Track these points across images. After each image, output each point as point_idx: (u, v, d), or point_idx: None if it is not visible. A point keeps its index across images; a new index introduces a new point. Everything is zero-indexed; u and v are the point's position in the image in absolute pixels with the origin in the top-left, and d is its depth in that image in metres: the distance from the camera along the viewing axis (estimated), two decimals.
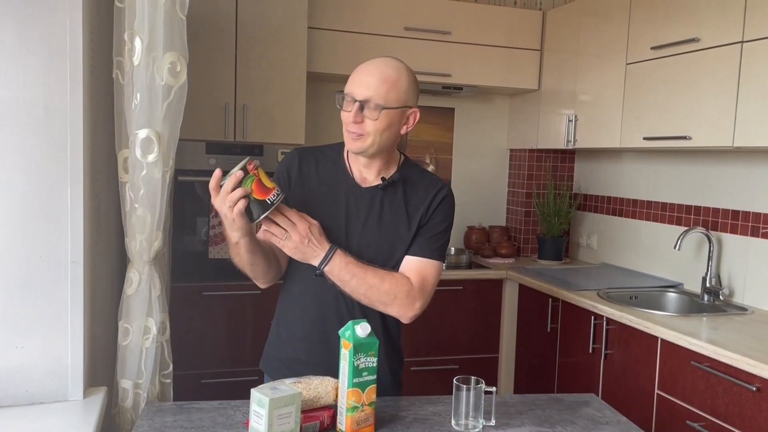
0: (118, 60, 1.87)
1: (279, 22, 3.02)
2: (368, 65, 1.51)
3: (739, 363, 1.99)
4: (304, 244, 1.42)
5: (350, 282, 1.48)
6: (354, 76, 1.51)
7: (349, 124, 1.49)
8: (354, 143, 1.51)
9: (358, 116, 1.47)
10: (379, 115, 1.47)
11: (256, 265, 1.51)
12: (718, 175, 2.85)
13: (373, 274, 1.49)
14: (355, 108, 1.47)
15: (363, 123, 1.48)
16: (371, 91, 1.47)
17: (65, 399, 1.73)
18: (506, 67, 3.54)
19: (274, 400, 1.25)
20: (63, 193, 1.68)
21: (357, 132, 1.49)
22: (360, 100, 1.47)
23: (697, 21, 2.54)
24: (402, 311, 1.53)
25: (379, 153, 1.54)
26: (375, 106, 1.47)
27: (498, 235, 3.83)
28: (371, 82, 1.47)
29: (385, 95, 1.47)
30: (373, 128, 1.48)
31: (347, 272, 1.46)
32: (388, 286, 1.50)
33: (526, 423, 1.48)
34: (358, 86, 1.48)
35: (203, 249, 2.97)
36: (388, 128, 1.50)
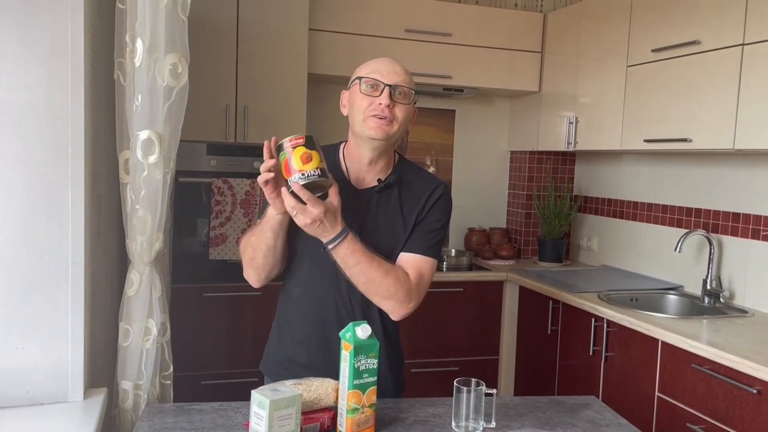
0: (120, 61, 1.87)
1: (280, 24, 3.03)
2: (381, 59, 1.53)
3: (739, 366, 1.99)
4: (315, 224, 1.40)
5: (353, 268, 1.46)
6: (372, 65, 1.52)
7: (379, 108, 1.48)
8: (381, 129, 1.49)
9: (390, 101, 1.48)
10: (411, 100, 1.51)
11: (269, 253, 1.50)
12: (719, 178, 2.85)
13: (377, 267, 1.48)
14: (386, 92, 1.47)
15: (394, 108, 1.49)
16: (400, 77, 1.49)
17: (65, 400, 1.73)
18: (507, 69, 3.55)
19: (275, 402, 1.25)
20: (64, 194, 1.68)
21: (388, 117, 1.48)
22: (391, 85, 1.48)
23: (697, 23, 2.54)
24: (397, 308, 1.52)
25: (392, 145, 1.56)
26: (407, 91, 1.50)
27: (498, 236, 3.83)
28: (398, 69, 1.50)
29: (410, 83, 1.52)
30: (402, 115, 1.50)
31: (352, 258, 1.45)
32: (390, 282, 1.49)
33: (526, 425, 1.48)
34: (388, 72, 1.49)
35: (203, 250, 2.97)
36: (408, 118, 1.53)
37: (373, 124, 1.49)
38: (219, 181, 2.92)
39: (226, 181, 2.93)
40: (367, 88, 1.49)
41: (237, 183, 2.95)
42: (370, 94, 1.49)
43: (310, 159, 1.36)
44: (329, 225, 1.41)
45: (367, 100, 1.49)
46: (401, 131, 1.53)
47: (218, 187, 2.92)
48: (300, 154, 1.35)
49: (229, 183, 2.94)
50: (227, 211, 2.94)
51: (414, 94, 1.52)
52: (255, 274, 1.56)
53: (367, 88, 1.49)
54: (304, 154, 1.35)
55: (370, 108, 1.49)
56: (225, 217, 2.95)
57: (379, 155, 1.55)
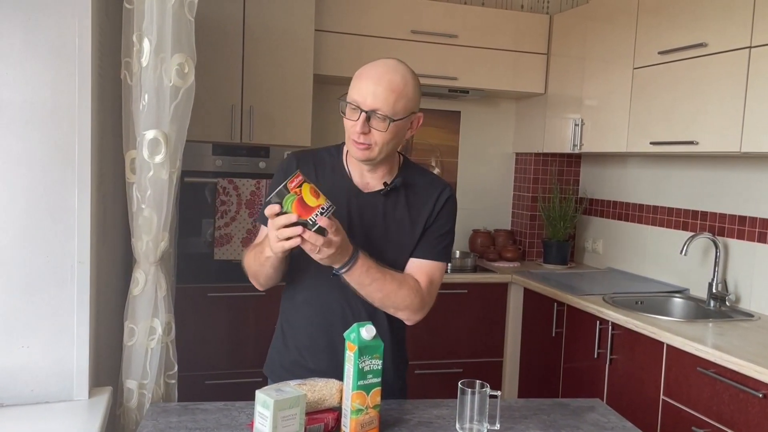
0: (126, 61, 1.87)
1: (286, 25, 3.03)
2: (372, 71, 1.44)
3: (745, 369, 1.98)
4: (335, 255, 1.36)
5: (368, 287, 1.45)
6: (358, 83, 1.44)
7: (355, 134, 1.44)
8: (361, 153, 1.46)
9: (365, 127, 1.42)
10: (387, 127, 1.43)
11: (271, 278, 1.52)
12: (725, 181, 2.84)
13: (391, 280, 1.47)
14: (362, 119, 1.41)
15: (370, 134, 1.43)
16: (379, 102, 1.41)
17: (70, 399, 1.73)
18: (513, 71, 3.54)
19: (279, 402, 1.25)
20: (70, 193, 1.69)
21: (365, 143, 1.44)
22: (367, 111, 1.41)
23: (704, 26, 2.54)
24: (411, 315, 1.54)
25: (385, 159, 1.52)
26: (383, 117, 1.42)
27: (503, 238, 3.82)
28: (378, 92, 1.41)
29: (393, 106, 1.42)
30: (381, 139, 1.44)
31: (368, 277, 1.44)
32: (404, 293, 1.49)
33: (530, 427, 1.48)
34: (365, 95, 1.41)
35: (208, 250, 2.98)
36: (394, 137, 1.47)
37: (353, 147, 1.46)
38: (224, 182, 2.93)
39: (231, 182, 2.94)
40: (349, 111, 1.45)
41: (242, 183, 2.95)
42: (350, 118, 1.45)
43: (318, 192, 1.31)
44: (340, 255, 1.37)
45: (349, 122, 1.46)
46: (388, 150, 1.48)
47: (223, 187, 2.92)
48: (308, 190, 1.30)
49: (234, 183, 2.94)
50: (232, 211, 2.95)
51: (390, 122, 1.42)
52: (260, 287, 1.58)
53: (349, 111, 1.45)
54: (311, 189, 1.30)
55: (350, 131, 1.46)
56: (230, 217, 2.95)
57: (375, 166, 1.53)
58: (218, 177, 2.94)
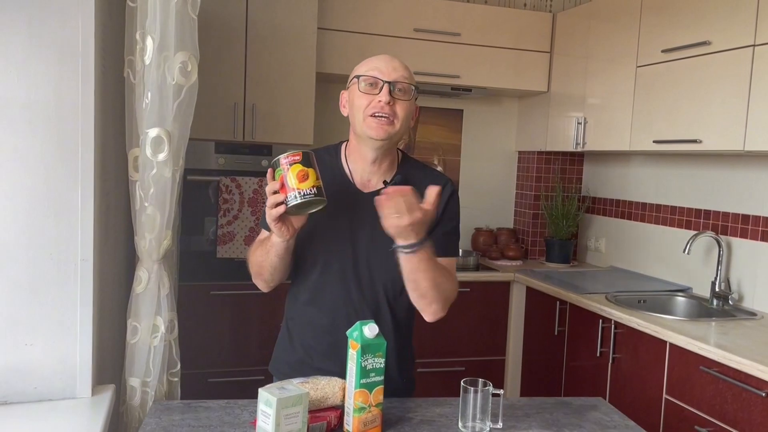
0: (130, 59, 1.88)
1: (289, 23, 3.03)
2: (380, 56, 1.49)
3: (748, 368, 1.98)
4: (409, 228, 1.32)
5: (423, 272, 1.40)
6: (371, 63, 1.47)
7: (378, 106, 1.43)
8: (382, 129, 1.44)
9: (390, 98, 1.43)
10: (411, 96, 1.46)
11: (275, 272, 1.50)
12: (728, 179, 2.83)
13: (441, 272, 1.45)
14: (386, 89, 1.42)
15: (394, 105, 1.44)
16: (399, 72, 1.44)
17: (73, 396, 1.73)
18: (515, 70, 3.54)
19: (282, 400, 1.25)
20: (73, 191, 1.69)
21: (389, 115, 1.43)
22: (390, 82, 1.43)
23: (708, 24, 2.53)
24: (439, 311, 1.50)
25: (393, 147, 1.52)
26: (407, 87, 1.45)
27: (506, 237, 3.82)
28: (397, 66, 1.46)
29: (410, 78, 1.47)
30: (403, 112, 1.45)
31: (426, 264, 1.39)
32: (449, 286, 1.49)
33: (533, 426, 1.48)
34: (386, 68, 1.44)
35: (211, 248, 2.98)
36: (410, 116, 1.49)
37: (373, 123, 1.45)
38: (227, 180, 2.93)
39: (234, 180, 2.94)
40: (366, 87, 1.45)
41: (245, 181, 2.96)
42: (369, 92, 1.44)
43: (306, 177, 1.33)
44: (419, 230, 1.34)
45: (367, 98, 1.45)
46: (403, 129, 1.48)
47: (226, 185, 2.93)
48: (296, 172, 1.33)
49: (237, 181, 2.94)
50: (235, 209, 2.95)
51: (414, 91, 1.48)
52: (264, 284, 1.56)
53: (366, 87, 1.45)
54: (300, 172, 1.33)
55: (370, 107, 1.44)
56: (233, 215, 2.95)
57: (383, 154, 1.52)
58: (221, 175, 2.94)
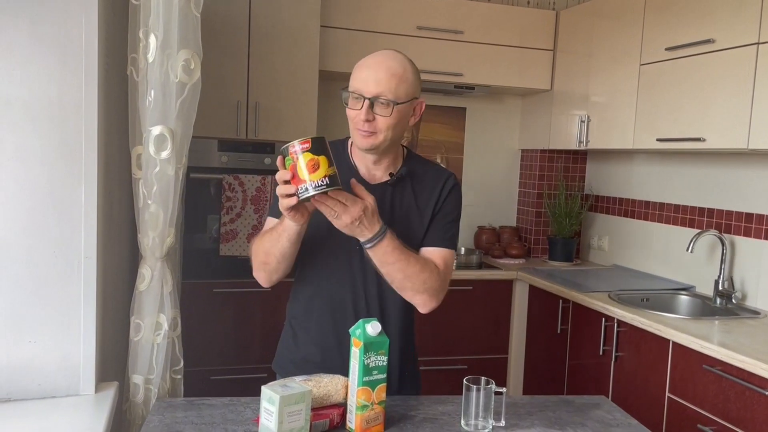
0: (133, 57, 1.88)
1: (292, 21, 3.03)
2: (371, 61, 1.48)
3: (751, 367, 1.97)
4: (355, 224, 1.37)
5: (391, 265, 1.44)
6: (359, 72, 1.47)
7: (359, 122, 1.46)
8: (365, 141, 1.47)
9: (369, 114, 1.44)
10: (392, 111, 1.45)
11: (283, 260, 1.48)
12: (732, 178, 2.83)
13: (414, 262, 1.47)
14: (365, 106, 1.44)
15: (374, 120, 1.45)
16: (381, 87, 1.43)
17: (77, 393, 1.74)
18: (518, 67, 3.53)
19: (285, 398, 1.25)
20: (77, 189, 1.69)
21: (369, 130, 1.46)
22: (370, 98, 1.44)
23: (712, 22, 2.52)
24: (428, 301, 1.52)
25: (390, 148, 1.53)
26: (386, 102, 1.44)
27: (508, 235, 3.82)
28: (380, 77, 1.44)
29: (395, 90, 1.44)
30: (384, 125, 1.46)
31: (392, 256, 1.43)
32: (426, 276, 1.48)
33: (536, 424, 1.48)
34: (366, 83, 1.44)
35: (214, 246, 2.98)
36: (398, 123, 1.48)
37: (358, 135, 1.48)
38: (230, 178, 2.93)
39: (236, 178, 2.94)
40: (351, 101, 1.47)
41: (248, 179, 2.96)
42: (353, 107, 1.47)
43: (317, 167, 1.29)
44: (368, 224, 1.39)
45: (353, 112, 1.48)
46: (393, 137, 1.49)
47: (229, 183, 2.93)
48: (306, 162, 1.29)
49: (239, 179, 2.95)
50: (238, 207, 2.95)
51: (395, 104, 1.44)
52: (266, 276, 1.54)
53: (351, 101, 1.47)
54: (310, 162, 1.29)
55: (354, 120, 1.48)
56: (235, 213, 2.96)
57: (381, 155, 1.54)
58: (224, 173, 2.95)
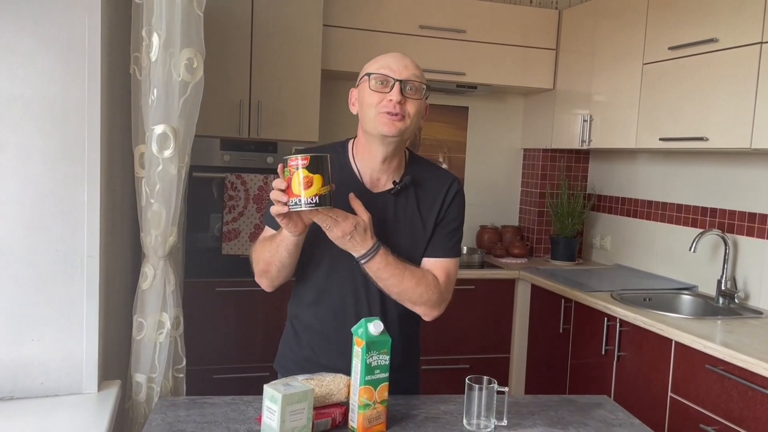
0: (136, 56, 1.88)
1: (294, 20, 3.03)
2: (390, 53, 1.50)
3: (754, 367, 1.97)
4: (346, 239, 1.39)
5: (386, 281, 1.46)
6: (382, 60, 1.48)
7: (390, 105, 1.43)
8: (393, 125, 1.45)
9: (401, 96, 1.44)
10: (422, 95, 1.47)
11: (283, 269, 1.49)
12: (735, 177, 2.82)
13: (410, 277, 1.47)
14: (397, 88, 1.43)
15: (405, 103, 1.45)
16: (410, 71, 1.46)
17: (79, 392, 1.74)
18: (521, 67, 3.53)
19: (287, 396, 1.26)
20: (80, 188, 1.69)
21: (400, 113, 1.44)
22: (402, 80, 1.44)
23: (715, 21, 2.52)
24: (428, 311, 1.53)
25: (404, 142, 1.53)
26: (419, 86, 1.46)
27: (510, 235, 3.81)
28: (408, 64, 1.47)
29: (421, 77, 1.48)
30: (414, 109, 1.46)
31: (385, 272, 1.45)
32: (422, 290, 1.49)
33: (538, 424, 1.48)
34: (397, 67, 1.45)
35: (216, 245, 2.99)
36: (420, 113, 1.50)
37: (384, 120, 1.45)
38: (232, 177, 2.93)
39: (239, 177, 2.94)
40: (377, 85, 1.45)
41: (250, 178, 2.96)
42: (380, 91, 1.45)
43: (310, 184, 1.29)
44: (359, 240, 1.39)
45: (377, 96, 1.45)
46: (414, 127, 1.49)
47: (231, 182, 2.93)
48: (301, 177, 1.29)
49: (242, 178, 2.95)
50: (240, 206, 2.96)
51: (425, 89, 1.49)
52: (268, 282, 1.55)
53: (377, 85, 1.45)
54: (305, 178, 1.29)
55: (381, 105, 1.45)
56: (238, 212, 2.96)
57: (393, 152, 1.51)
58: (226, 172, 2.95)
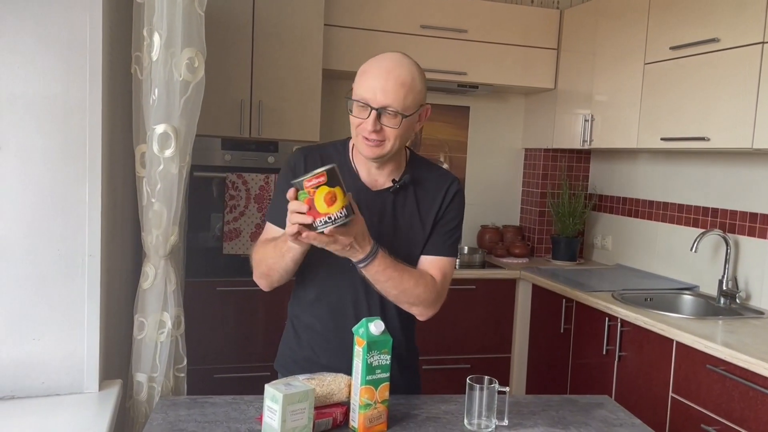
0: (137, 55, 1.88)
1: (295, 20, 3.03)
2: (378, 68, 1.42)
3: (755, 367, 1.97)
4: (346, 250, 1.36)
5: (385, 283, 1.45)
6: (365, 80, 1.42)
7: (366, 132, 1.42)
8: (372, 151, 1.44)
9: (377, 124, 1.41)
10: (400, 123, 1.41)
11: (286, 274, 1.49)
12: (736, 177, 2.82)
13: (408, 277, 1.47)
14: (372, 117, 1.39)
15: (382, 131, 1.42)
16: (389, 99, 1.39)
17: (81, 391, 1.74)
18: (522, 66, 3.53)
19: (288, 396, 1.26)
20: (81, 187, 1.69)
21: (377, 139, 1.43)
22: (377, 108, 1.40)
23: (716, 21, 2.51)
24: (424, 311, 1.53)
25: (394, 156, 1.51)
26: (394, 113, 1.40)
27: (512, 234, 3.81)
28: (388, 87, 1.39)
29: (403, 101, 1.40)
30: (393, 135, 1.43)
31: (384, 275, 1.43)
32: (420, 290, 1.49)
33: (539, 424, 1.48)
34: (374, 92, 1.39)
35: (217, 245, 2.99)
36: (406, 132, 1.46)
37: (364, 144, 1.45)
38: (233, 176, 2.93)
39: (240, 176, 2.94)
40: (357, 109, 1.43)
41: (251, 178, 2.96)
42: (359, 116, 1.43)
43: (334, 199, 1.25)
44: (359, 246, 1.37)
45: (357, 120, 1.44)
46: (399, 145, 1.47)
47: (232, 181, 2.93)
48: (323, 195, 1.24)
49: (243, 178, 2.95)
50: (241, 205, 2.96)
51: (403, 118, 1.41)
52: (267, 283, 1.54)
53: (357, 109, 1.43)
54: (327, 195, 1.24)
55: (359, 128, 1.44)
56: (239, 211, 2.96)
57: (385, 162, 1.51)
58: (227, 172, 2.95)
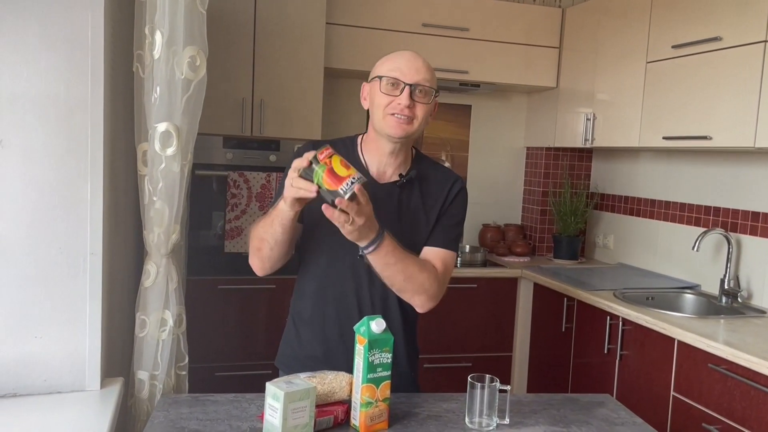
0: (139, 53, 1.88)
1: (297, 18, 3.03)
2: (401, 53, 1.52)
3: (757, 366, 1.96)
4: (363, 228, 1.34)
5: (392, 266, 1.44)
6: (394, 61, 1.50)
7: (398, 108, 1.47)
8: (401, 128, 1.48)
9: (410, 100, 1.47)
10: (431, 99, 1.49)
11: (276, 247, 1.47)
12: (738, 176, 2.81)
13: (413, 263, 1.48)
14: (406, 92, 1.46)
15: (414, 107, 1.48)
16: (421, 75, 1.48)
17: (82, 389, 1.74)
18: (524, 65, 3.53)
19: (289, 394, 1.26)
20: (83, 186, 1.70)
21: (408, 115, 1.48)
22: (411, 84, 1.46)
23: (719, 20, 2.51)
24: (426, 302, 1.53)
25: (409, 143, 1.55)
26: (428, 90, 1.49)
27: (513, 233, 3.81)
28: (419, 66, 1.48)
29: (431, 80, 1.50)
30: (422, 112, 1.49)
31: (393, 257, 1.42)
32: (425, 276, 1.49)
33: (540, 422, 1.48)
34: (408, 70, 1.47)
35: (219, 243, 2.99)
36: (428, 115, 1.52)
37: (392, 122, 1.48)
38: (235, 175, 2.94)
39: (242, 175, 2.94)
40: (388, 87, 1.48)
41: (253, 176, 2.96)
42: (390, 93, 1.48)
43: (348, 164, 1.30)
44: (368, 230, 1.37)
45: (387, 98, 1.48)
46: (421, 128, 1.53)
47: (234, 180, 2.93)
48: (339, 161, 1.29)
49: (245, 176, 2.95)
50: (243, 204, 2.96)
51: (435, 93, 1.51)
52: (259, 263, 1.53)
53: (388, 87, 1.48)
54: (342, 161, 1.30)
55: (390, 106, 1.48)
56: (240, 210, 2.96)
57: (400, 148, 1.55)
58: (229, 170, 2.95)
